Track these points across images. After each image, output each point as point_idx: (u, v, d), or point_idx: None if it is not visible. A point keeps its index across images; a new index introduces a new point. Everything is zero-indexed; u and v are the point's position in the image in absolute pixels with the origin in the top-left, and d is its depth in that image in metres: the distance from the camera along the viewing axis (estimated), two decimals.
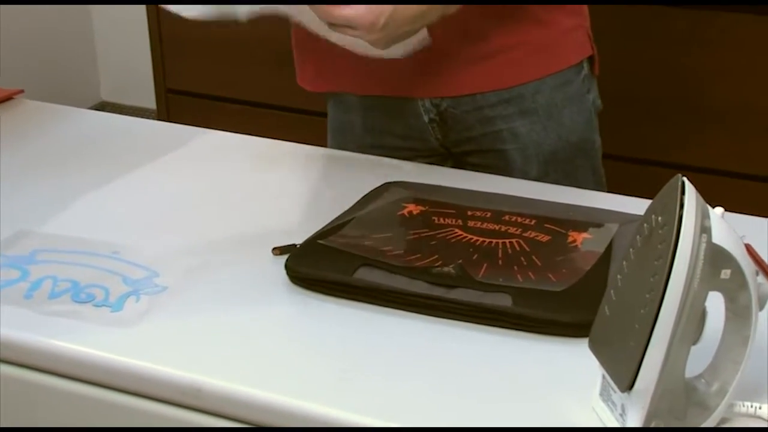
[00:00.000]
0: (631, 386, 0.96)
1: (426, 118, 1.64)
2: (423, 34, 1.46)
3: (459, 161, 1.69)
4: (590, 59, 1.69)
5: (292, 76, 1.73)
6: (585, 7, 1.68)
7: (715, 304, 0.99)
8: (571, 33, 1.66)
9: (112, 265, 1.30)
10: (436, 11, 1.43)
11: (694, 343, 0.98)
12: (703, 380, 1.02)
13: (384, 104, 1.66)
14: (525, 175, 1.62)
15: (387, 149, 1.66)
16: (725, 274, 0.97)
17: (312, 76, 1.72)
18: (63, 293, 1.24)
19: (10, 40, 3.56)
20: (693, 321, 0.96)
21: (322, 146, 1.70)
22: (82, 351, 1.16)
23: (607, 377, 1.01)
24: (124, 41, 3.90)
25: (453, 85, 1.60)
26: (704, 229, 0.95)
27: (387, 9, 1.36)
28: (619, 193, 1.49)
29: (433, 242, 1.29)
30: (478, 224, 1.34)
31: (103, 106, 4.00)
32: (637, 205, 1.33)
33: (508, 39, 1.58)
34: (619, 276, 1.00)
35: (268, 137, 1.70)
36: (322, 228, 1.35)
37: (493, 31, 1.58)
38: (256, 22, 1.49)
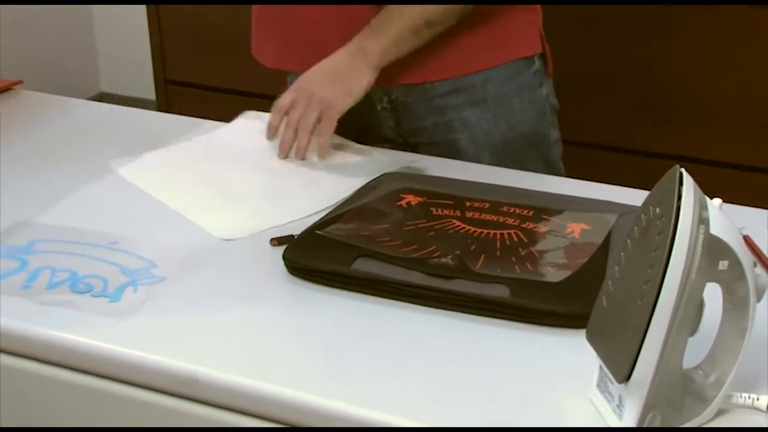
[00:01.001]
0: (628, 377, 0.96)
1: (379, 107, 1.66)
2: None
3: (415, 151, 1.68)
4: (542, 57, 1.70)
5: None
6: (538, 7, 1.70)
7: (713, 295, 0.99)
8: (522, 27, 1.68)
9: (111, 255, 1.30)
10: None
11: (692, 334, 0.98)
12: (700, 371, 1.02)
13: None
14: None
15: (345, 135, 1.65)
16: (723, 265, 0.97)
17: (272, 54, 1.73)
18: (61, 283, 1.24)
19: (9, 32, 3.56)
20: (690, 312, 0.96)
21: None
22: (80, 341, 1.16)
23: (605, 368, 1.00)
24: (124, 32, 3.89)
25: (402, 74, 1.61)
26: (702, 220, 0.95)
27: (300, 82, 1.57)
28: (618, 185, 1.49)
29: (431, 233, 1.29)
30: (476, 215, 1.33)
31: (102, 97, 3.99)
32: (635, 196, 1.33)
33: (457, 30, 1.59)
34: (616, 267, 1.00)
35: None
36: (320, 218, 1.35)
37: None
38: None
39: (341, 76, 1.55)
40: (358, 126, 1.66)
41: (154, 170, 1.54)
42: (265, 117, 1.62)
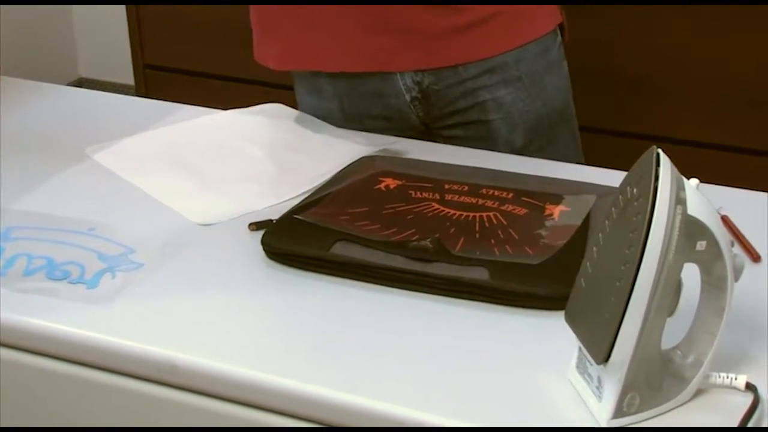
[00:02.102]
0: (607, 358, 0.96)
1: (408, 97, 1.63)
2: None
3: (437, 136, 1.68)
4: (561, 27, 1.69)
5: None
6: None
7: (691, 275, 0.99)
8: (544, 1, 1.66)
9: (88, 242, 1.30)
10: None
11: (670, 314, 0.98)
12: (679, 352, 1.02)
13: (362, 88, 1.65)
14: (510, 144, 1.62)
15: (367, 132, 1.64)
16: (701, 245, 0.97)
17: (278, 54, 1.69)
18: (38, 270, 1.23)
19: None
20: (668, 292, 0.96)
21: None
22: (57, 328, 1.15)
23: (584, 350, 1.01)
24: (102, 17, 3.87)
25: (433, 57, 1.59)
26: (679, 200, 0.95)
27: None
28: (597, 166, 1.49)
29: (410, 216, 1.29)
30: (456, 198, 1.33)
31: (81, 83, 3.98)
32: (614, 178, 1.32)
33: (483, 10, 1.58)
34: (595, 248, 1.00)
35: None
36: (299, 203, 1.35)
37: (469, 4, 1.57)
38: None
39: None
40: (383, 119, 1.66)
41: (131, 156, 1.53)
42: (276, 110, 1.60)
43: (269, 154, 1.53)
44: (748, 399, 1.00)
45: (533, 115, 1.64)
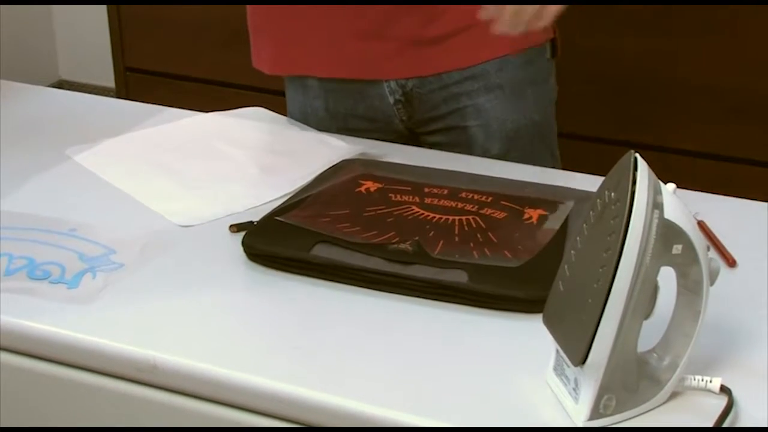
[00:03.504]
0: (583, 361, 0.97)
1: (391, 99, 1.64)
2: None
3: (420, 141, 1.69)
4: (552, 43, 1.69)
5: (249, 54, 1.72)
6: None
7: (667, 279, 1.00)
8: None
9: (69, 242, 1.30)
10: None
11: (646, 317, 0.99)
12: (655, 354, 1.03)
13: (347, 87, 1.66)
14: (486, 153, 1.62)
15: (351, 132, 1.65)
16: (677, 249, 0.98)
17: (271, 59, 1.71)
18: (18, 270, 1.23)
19: None
20: (645, 296, 0.97)
21: None
22: (37, 327, 1.15)
23: (561, 352, 1.01)
24: (83, 19, 3.86)
25: (419, 65, 1.61)
26: (656, 204, 0.96)
27: None
28: (576, 171, 1.50)
29: (390, 219, 1.30)
30: (435, 201, 1.34)
31: (61, 85, 3.97)
32: (593, 183, 1.32)
33: (471, 19, 1.58)
34: (572, 251, 1.01)
35: None
36: (280, 205, 1.36)
37: (456, 11, 1.58)
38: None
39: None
40: (367, 120, 1.67)
41: (112, 157, 1.53)
42: (257, 113, 1.60)
43: (250, 156, 1.53)
44: (722, 401, 1.01)
45: (510, 125, 1.64)
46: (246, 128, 1.63)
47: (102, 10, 3.06)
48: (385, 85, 1.63)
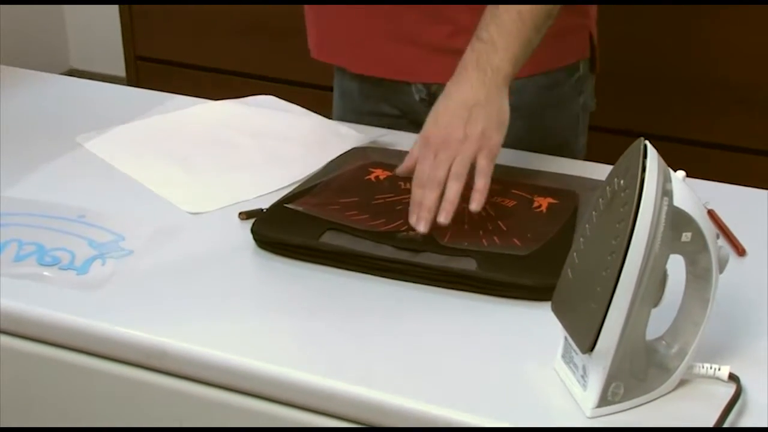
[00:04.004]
0: (592, 348, 0.97)
1: (417, 97, 1.64)
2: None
3: None
4: (591, 60, 1.65)
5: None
6: (594, 7, 1.63)
7: (676, 267, 1.00)
8: (571, 33, 1.60)
9: (78, 228, 1.30)
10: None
11: (655, 305, 0.99)
12: (663, 342, 1.03)
13: (378, 80, 1.67)
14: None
15: (383, 117, 1.66)
16: (686, 236, 0.98)
17: (314, 45, 1.73)
18: (28, 256, 1.24)
19: None
20: (654, 283, 0.97)
21: None
22: (47, 313, 1.16)
23: (569, 339, 1.01)
24: (93, 8, 3.87)
25: (444, 72, 1.60)
26: (666, 192, 0.96)
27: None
28: (586, 160, 1.50)
29: (399, 207, 1.30)
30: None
31: (72, 74, 3.97)
32: (604, 172, 1.33)
33: None
34: (582, 239, 1.01)
35: None
36: (289, 192, 1.36)
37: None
38: None
39: (482, 106, 1.31)
40: (398, 108, 1.67)
41: (122, 144, 1.54)
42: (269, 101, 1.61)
43: (260, 145, 1.53)
44: (730, 389, 1.01)
45: (526, 146, 1.56)
46: (255, 116, 1.63)
47: None
48: (413, 86, 1.63)
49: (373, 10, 1.59)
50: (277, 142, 1.54)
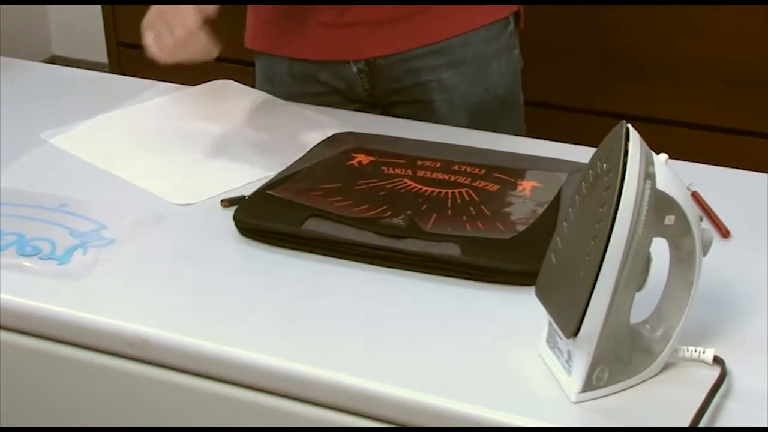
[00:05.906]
0: (576, 332, 0.97)
1: (355, 69, 1.65)
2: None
3: (386, 111, 1.69)
4: (516, 14, 1.70)
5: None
6: None
7: (660, 250, 1.00)
8: None
9: (59, 218, 1.29)
10: None
11: (639, 289, 0.98)
12: (647, 326, 1.03)
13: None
14: (452, 125, 1.62)
15: (314, 96, 1.66)
16: (669, 219, 0.98)
17: (250, 34, 1.73)
18: (8, 246, 1.23)
19: None
20: (638, 267, 0.97)
21: None
22: (28, 304, 1.15)
23: (554, 324, 1.01)
24: None
25: (383, 44, 1.61)
26: (648, 175, 0.95)
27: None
28: (569, 143, 1.49)
29: (382, 192, 1.29)
30: (428, 174, 1.33)
31: (53, 60, 3.95)
32: (586, 154, 1.32)
33: None
34: (565, 223, 1.01)
35: None
36: (271, 179, 1.35)
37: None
38: None
39: None
40: (332, 88, 1.67)
41: (90, 139, 1.51)
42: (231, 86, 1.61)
43: (241, 133, 1.52)
44: (715, 372, 1.00)
45: (475, 99, 1.65)
46: (220, 104, 1.62)
47: None
48: (350, 61, 1.64)
49: None
50: (259, 130, 1.53)
